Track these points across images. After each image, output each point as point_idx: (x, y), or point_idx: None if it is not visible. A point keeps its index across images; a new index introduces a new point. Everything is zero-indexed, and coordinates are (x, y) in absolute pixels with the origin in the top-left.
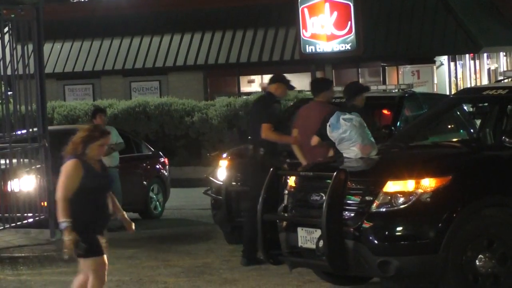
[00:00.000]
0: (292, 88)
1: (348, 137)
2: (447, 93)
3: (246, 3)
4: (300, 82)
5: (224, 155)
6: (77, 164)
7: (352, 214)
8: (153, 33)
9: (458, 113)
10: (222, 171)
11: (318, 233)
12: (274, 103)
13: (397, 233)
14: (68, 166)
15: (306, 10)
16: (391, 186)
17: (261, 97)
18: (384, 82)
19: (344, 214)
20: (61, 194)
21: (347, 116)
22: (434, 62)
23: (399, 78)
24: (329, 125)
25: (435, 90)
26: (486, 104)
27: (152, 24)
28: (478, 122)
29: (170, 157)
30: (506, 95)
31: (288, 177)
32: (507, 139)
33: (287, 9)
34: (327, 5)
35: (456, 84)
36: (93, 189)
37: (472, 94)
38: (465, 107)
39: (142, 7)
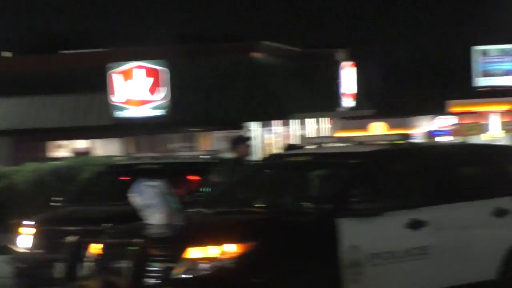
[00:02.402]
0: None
1: (152, 204)
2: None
3: (56, 67)
4: (112, 147)
5: (25, 222)
6: None
7: (155, 281)
8: None
9: (266, 177)
10: (22, 238)
11: None
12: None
13: None
14: None
15: (116, 76)
16: (192, 252)
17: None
18: (196, 148)
19: (147, 281)
20: None
21: (151, 183)
22: (241, 127)
23: (211, 143)
24: (133, 192)
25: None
26: (289, 169)
27: None
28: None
29: None
30: (310, 162)
31: (91, 243)
32: (308, 205)
33: (98, 73)
34: (140, 70)
35: (266, 150)
36: None
37: (276, 160)
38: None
39: None
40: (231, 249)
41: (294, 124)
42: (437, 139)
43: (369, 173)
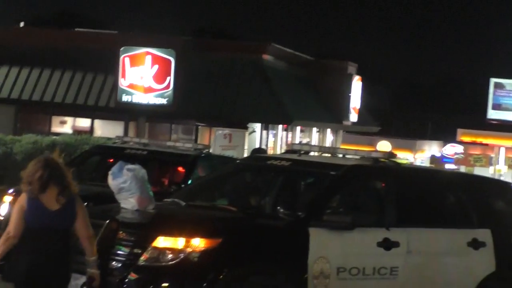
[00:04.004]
0: None
1: (128, 188)
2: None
3: (68, 44)
4: (113, 129)
5: (10, 191)
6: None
7: (120, 265)
8: None
9: (244, 178)
10: (5, 206)
11: (83, 279)
12: None
13: None
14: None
15: (127, 60)
16: (161, 242)
17: None
18: (196, 141)
19: (112, 264)
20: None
21: (131, 166)
22: (246, 128)
23: (212, 139)
24: (111, 173)
25: (244, 155)
26: (269, 173)
27: None
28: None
29: None
30: (289, 167)
31: None
32: (281, 210)
33: (109, 55)
34: (148, 57)
35: (266, 152)
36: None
37: (257, 162)
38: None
39: None
40: (198, 243)
41: (298, 130)
42: (446, 166)
43: (347, 186)
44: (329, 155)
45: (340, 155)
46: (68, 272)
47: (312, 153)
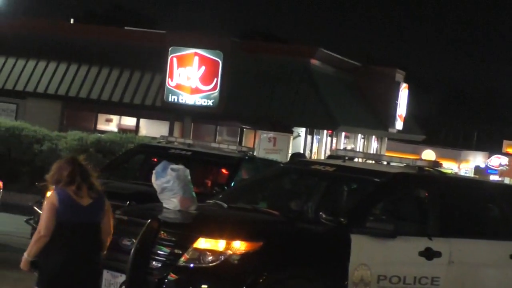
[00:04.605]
0: None
1: (171, 188)
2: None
3: (116, 41)
4: (158, 129)
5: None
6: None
7: (160, 265)
8: (18, 55)
9: (288, 182)
10: None
11: (122, 278)
12: None
13: None
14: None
15: (175, 60)
16: (202, 243)
17: None
18: (240, 143)
19: (151, 263)
20: None
21: (175, 166)
22: (291, 132)
23: (256, 142)
24: (155, 173)
25: (288, 159)
26: (313, 177)
27: (18, 46)
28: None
29: (13, 182)
30: (333, 173)
31: None
32: (323, 215)
33: (157, 54)
34: (196, 58)
35: (310, 158)
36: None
37: (301, 166)
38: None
39: (10, 27)
40: (239, 245)
41: (343, 136)
42: (490, 177)
43: (390, 194)
44: (373, 162)
45: (385, 163)
46: (100, 267)
47: (356, 160)
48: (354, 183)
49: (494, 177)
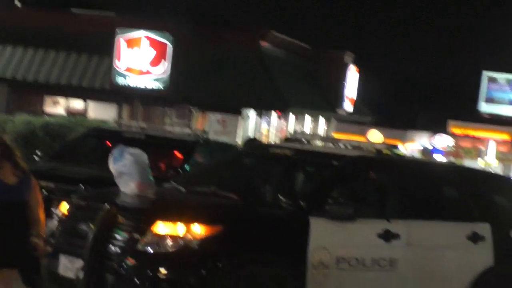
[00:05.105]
0: None
1: (128, 172)
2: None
3: (63, 24)
4: (107, 112)
5: None
6: None
7: (118, 250)
8: None
9: (246, 165)
10: None
11: (80, 263)
12: None
13: (160, 275)
14: None
15: (123, 41)
16: (161, 227)
17: None
18: (190, 126)
19: (110, 248)
20: None
21: (132, 150)
22: (240, 113)
23: (206, 124)
24: (112, 157)
25: (238, 141)
26: (272, 161)
27: None
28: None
29: None
30: (291, 157)
31: (61, 202)
32: (283, 199)
33: (105, 36)
34: (145, 40)
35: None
36: None
37: (260, 150)
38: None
39: None
40: (198, 230)
41: (292, 118)
42: (434, 156)
43: (349, 178)
44: (331, 145)
45: (343, 146)
46: (26, 245)
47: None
48: (313, 167)
49: (440, 158)
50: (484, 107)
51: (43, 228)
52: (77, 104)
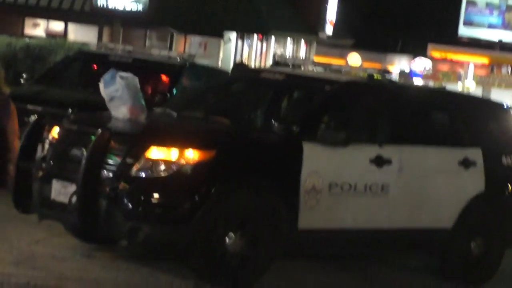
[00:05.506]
0: None
1: (120, 96)
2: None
3: None
4: (87, 34)
5: None
6: None
7: (111, 175)
8: None
9: (236, 90)
10: None
11: (73, 188)
12: None
13: (153, 200)
14: None
15: None
16: (154, 152)
17: None
18: (171, 49)
19: (103, 173)
20: None
21: (124, 74)
22: (222, 36)
23: (187, 47)
24: (103, 81)
25: (219, 65)
26: (263, 86)
27: None
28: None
29: None
30: (283, 81)
31: (52, 127)
32: (275, 124)
33: None
34: None
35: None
36: None
37: (250, 75)
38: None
39: None
40: (191, 154)
41: (273, 41)
42: (414, 80)
43: (341, 102)
44: (320, 70)
45: (331, 71)
46: (4, 168)
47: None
48: (304, 91)
49: (418, 81)
50: (463, 31)
51: (14, 155)
52: (57, 26)
